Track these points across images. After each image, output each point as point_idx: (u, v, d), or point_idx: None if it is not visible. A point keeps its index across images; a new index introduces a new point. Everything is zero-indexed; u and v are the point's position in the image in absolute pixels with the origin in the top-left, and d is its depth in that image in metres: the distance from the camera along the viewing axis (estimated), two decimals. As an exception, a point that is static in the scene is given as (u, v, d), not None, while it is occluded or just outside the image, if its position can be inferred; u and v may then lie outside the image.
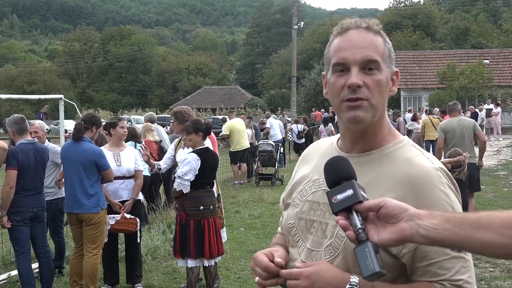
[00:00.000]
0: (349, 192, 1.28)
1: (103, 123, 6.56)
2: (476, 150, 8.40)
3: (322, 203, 1.54)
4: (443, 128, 8.14)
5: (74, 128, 5.47)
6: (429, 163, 1.49)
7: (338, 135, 1.68)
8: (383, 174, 1.48)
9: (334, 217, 1.29)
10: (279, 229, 1.81)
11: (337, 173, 1.34)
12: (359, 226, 1.25)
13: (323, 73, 1.60)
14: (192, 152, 5.36)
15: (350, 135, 1.55)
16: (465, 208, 7.43)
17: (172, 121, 8.23)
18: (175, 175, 5.33)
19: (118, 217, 5.71)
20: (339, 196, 1.29)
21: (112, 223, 5.67)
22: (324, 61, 1.59)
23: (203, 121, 5.61)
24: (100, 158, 5.36)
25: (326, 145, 1.69)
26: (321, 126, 17.47)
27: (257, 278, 1.50)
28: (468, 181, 7.53)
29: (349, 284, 1.36)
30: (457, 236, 1.22)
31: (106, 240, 5.69)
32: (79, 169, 5.30)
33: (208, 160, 5.35)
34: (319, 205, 1.55)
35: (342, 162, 1.36)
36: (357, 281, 1.37)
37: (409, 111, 24.69)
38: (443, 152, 8.17)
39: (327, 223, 1.51)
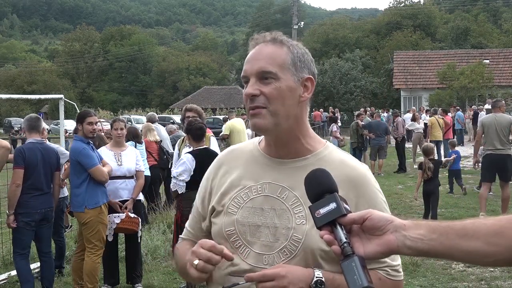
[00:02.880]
0: (332, 205, 1.26)
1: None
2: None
3: (265, 209, 1.58)
4: (483, 123, 8.73)
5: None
6: (360, 165, 1.64)
7: (256, 139, 1.74)
8: None
9: (319, 232, 1.28)
10: (183, 235, 1.83)
11: (319, 187, 1.32)
12: (344, 240, 1.23)
13: None
14: (188, 152, 5.36)
15: (272, 142, 1.63)
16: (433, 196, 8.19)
17: (172, 121, 8.22)
18: (171, 175, 5.34)
19: (122, 215, 5.72)
20: (322, 210, 1.26)
21: (118, 221, 5.68)
22: None
23: (194, 123, 5.53)
24: (80, 156, 5.28)
25: (247, 151, 1.71)
26: (334, 125, 17.31)
27: (196, 261, 1.46)
28: (503, 171, 8.56)
29: (316, 277, 1.44)
30: (443, 246, 1.21)
31: (111, 239, 5.71)
32: (70, 168, 5.41)
33: (205, 160, 5.31)
34: (263, 211, 1.58)
35: (323, 175, 1.35)
36: (321, 274, 1.46)
37: (410, 111, 24.65)
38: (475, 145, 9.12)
39: (276, 227, 1.56)
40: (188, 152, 5.37)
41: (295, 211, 1.55)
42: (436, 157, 8.74)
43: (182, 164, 5.22)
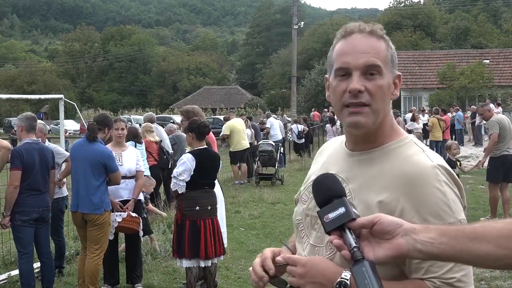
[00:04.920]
0: (341, 210, 1.26)
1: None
2: None
3: None
4: (501, 124, 8.47)
5: (88, 129, 5.47)
6: (427, 161, 1.47)
7: None
8: (381, 172, 1.49)
9: (328, 237, 1.27)
10: None
11: (327, 191, 1.32)
12: (353, 244, 1.22)
13: (326, 75, 1.61)
14: (189, 152, 5.36)
15: (353, 137, 1.58)
16: None
17: (172, 121, 8.25)
18: (172, 175, 5.35)
19: (124, 214, 5.72)
20: (331, 215, 1.26)
21: (119, 220, 5.67)
22: (327, 63, 1.59)
23: (200, 121, 5.58)
24: (109, 160, 5.37)
25: (338, 143, 1.71)
26: (328, 126, 17.42)
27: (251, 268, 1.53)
28: (498, 172, 8.51)
29: (341, 278, 1.34)
30: (454, 249, 1.21)
31: (112, 237, 5.71)
32: (87, 169, 5.31)
33: (205, 160, 5.33)
34: None
35: (331, 179, 1.35)
36: (349, 277, 1.37)
37: (412, 111, 24.61)
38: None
39: None
40: (188, 152, 5.38)
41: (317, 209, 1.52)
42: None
43: (182, 164, 5.21)
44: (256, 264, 1.50)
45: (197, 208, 5.23)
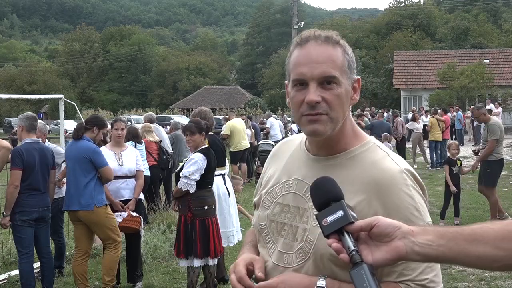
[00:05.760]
0: (340, 213, 1.26)
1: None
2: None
3: (292, 206, 1.57)
4: (500, 128, 8.37)
5: (74, 128, 5.53)
6: (394, 166, 1.50)
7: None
8: (349, 178, 1.49)
9: (326, 240, 1.27)
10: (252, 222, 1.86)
11: (325, 195, 1.32)
12: (352, 248, 1.22)
13: (285, 81, 1.60)
14: (198, 152, 5.34)
15: (315, 142, 1.58)
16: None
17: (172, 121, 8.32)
18: (181, 175, 5.29)
19: (124, 214, 5.73)
20: (329, 218, 1.26)
21: (120, 220, 5.68)
22: (286, 70, 1.59)
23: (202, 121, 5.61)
24: (94, 155, 5.34)
25: (295, 145, 1.69)
26: None
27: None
28: (497, 175, 8.56)
29: (317, 287, 1.38)
30: (452, 251, 1.21)
31: None
32: (75, 167, 5.34)
33: (212, 160, 5.37)
34: (289, 208, 1.57)
35: (329, 183, 1.35)
36: (324, 284, 1.40)
37: (412, 111, 24.62)
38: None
39: (297, 226, 1.54)
40: (198, 152, 5.34)
41: (315, 211, 1.47)
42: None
43: (194, 163, 5.21)
44: (237, 283, 1.50)
45: (206, 207, 5.28)
